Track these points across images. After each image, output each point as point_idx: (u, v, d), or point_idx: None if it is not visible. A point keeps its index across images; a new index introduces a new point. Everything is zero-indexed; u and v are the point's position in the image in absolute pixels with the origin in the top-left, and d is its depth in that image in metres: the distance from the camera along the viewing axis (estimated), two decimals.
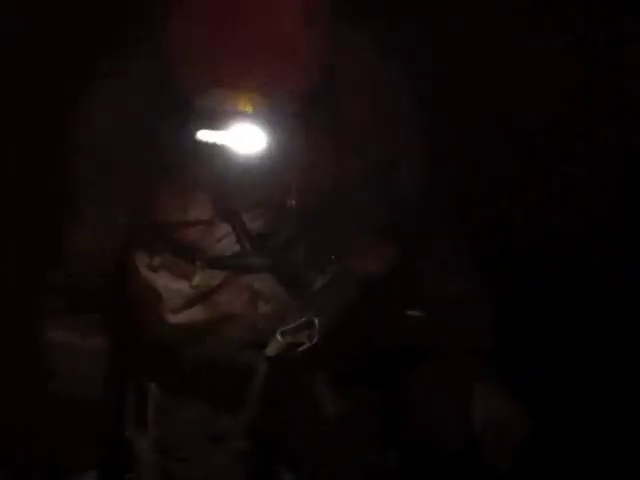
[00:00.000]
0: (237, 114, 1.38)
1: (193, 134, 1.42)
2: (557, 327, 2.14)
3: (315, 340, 1.60)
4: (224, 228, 1.58)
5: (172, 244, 1.59)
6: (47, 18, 2.03)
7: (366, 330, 1.71)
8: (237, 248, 1.58)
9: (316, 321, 1.61)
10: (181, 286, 1.60)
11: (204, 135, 1.41)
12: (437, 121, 1.96)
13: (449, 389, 1.65)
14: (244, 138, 1.42)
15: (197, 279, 1.59)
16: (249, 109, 1.37)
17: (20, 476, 1.82)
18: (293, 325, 1.61)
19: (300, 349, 1.61)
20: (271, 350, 1.61)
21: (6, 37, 2.03)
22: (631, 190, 2.13)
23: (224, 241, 1.58)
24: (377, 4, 1.95)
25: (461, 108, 2.10)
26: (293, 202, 1.55)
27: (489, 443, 1.59)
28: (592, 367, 2.11)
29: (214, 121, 1.39)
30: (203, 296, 1.60)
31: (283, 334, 1.60)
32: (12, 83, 2.02)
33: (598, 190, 2.14)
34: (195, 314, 1.61)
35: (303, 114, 1.46)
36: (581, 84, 2.11)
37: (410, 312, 1.69)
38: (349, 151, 1.56)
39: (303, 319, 1.61)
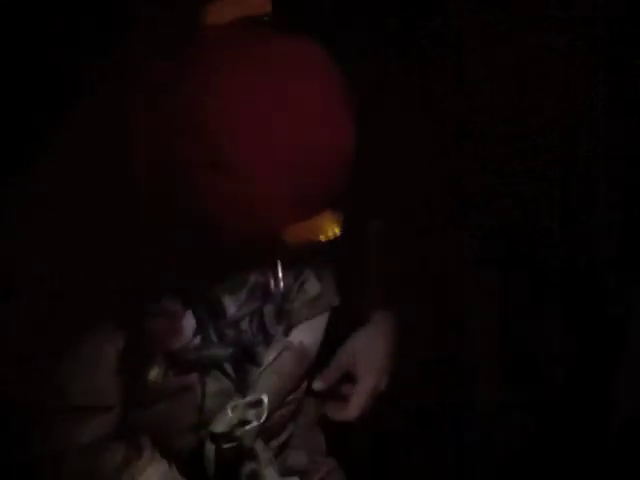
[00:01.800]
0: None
1: None
2: (557, 327, 2.14)
3: (263, 419, 1.54)
4: (188, 320, 1.48)
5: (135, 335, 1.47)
6: None
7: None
8: (198, 341, 1.48)
9: (265, 399, 1.56)
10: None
11: None
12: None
13: None
14: None
15: (154, 374, 1.48)
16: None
17: None
18: (243, 402, 1.54)
19: (248, 427, 1.54)
20: (219, 426, 1.53)
21: None
22: (631, 190, 2.08)
23: (186, 333, 1.48)
24: None
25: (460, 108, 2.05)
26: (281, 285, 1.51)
27: None
28: (592, 366, 2.11)
29: None
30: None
31: (233, 409, 1.54)
32: None
33: (598, 190, 2.10)
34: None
35: None
36: (582, 84, 2.04)
37: None
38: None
39: (252, 397, 1.54)
